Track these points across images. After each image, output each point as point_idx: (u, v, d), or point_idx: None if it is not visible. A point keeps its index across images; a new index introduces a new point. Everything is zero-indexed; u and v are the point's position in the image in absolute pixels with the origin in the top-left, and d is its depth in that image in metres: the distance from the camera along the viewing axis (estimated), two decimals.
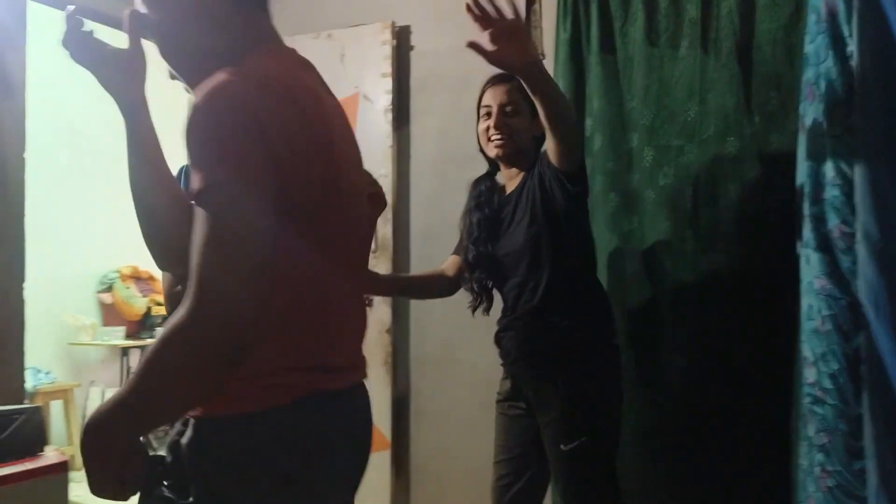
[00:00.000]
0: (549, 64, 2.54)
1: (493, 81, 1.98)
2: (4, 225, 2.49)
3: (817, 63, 1.52)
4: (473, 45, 1.50)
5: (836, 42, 1.44)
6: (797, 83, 1.97)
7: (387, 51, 2.83)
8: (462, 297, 2.01)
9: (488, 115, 1.96)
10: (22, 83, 2.55)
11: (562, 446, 1.79)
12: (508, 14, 1.55)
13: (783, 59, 2.13)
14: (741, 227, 2.17)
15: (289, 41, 2.95)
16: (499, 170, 2.04)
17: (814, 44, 1.56)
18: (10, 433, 2.17)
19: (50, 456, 2.23)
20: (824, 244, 1.50)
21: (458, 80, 2.67)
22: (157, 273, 5.28)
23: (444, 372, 2.74)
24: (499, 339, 1.98)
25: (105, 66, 1.18)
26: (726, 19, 2.23)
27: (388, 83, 2.81)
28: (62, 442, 4.43)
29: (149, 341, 4.95)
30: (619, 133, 2.38)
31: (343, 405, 1.07)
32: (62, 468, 2.22)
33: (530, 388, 1.91)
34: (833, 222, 1.47)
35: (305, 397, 1.00)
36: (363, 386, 1.16)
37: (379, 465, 2.67)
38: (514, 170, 1.97)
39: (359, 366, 1.16)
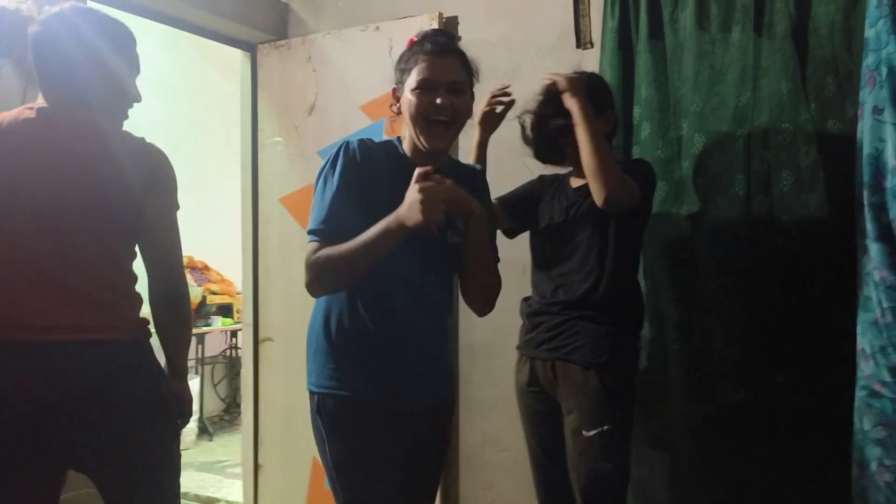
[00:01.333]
0: (596, 53, 2.51)
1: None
2: None
3: (878, 48, 1.47)
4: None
5: None
6: (856, 68, 1.91)
7: None
8: (511, 285, 2.01)
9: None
10: None
11: (584, 432, 1.88)
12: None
13: (841, 44, 2.06)
14: (796, 217, 2.11)
15: (337, 34, 3.05)
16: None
17: (874, 28, 1.51)
18: None
19: None
20: (885, 234, 1.45)
21: (506, 70, 2.65)
22: (213, 262, 5.41)
23: (493, 361, 2.74)
24: (533, 323, 2.02)
25: None
26: (781, 2, 2.16)
27: None
28: None
29: (204, 329, 5.09)
30: (668, 120, 2.34)
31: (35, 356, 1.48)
32: None
33: (554, 374, 1.98)
34: (895, 212, 1.42)
35: None
36: (77, 342, 1.49)
37: None
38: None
39: (85, 324, 1.51)
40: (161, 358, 1.72)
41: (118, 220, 1.62)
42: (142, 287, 1.72)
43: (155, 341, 1.70)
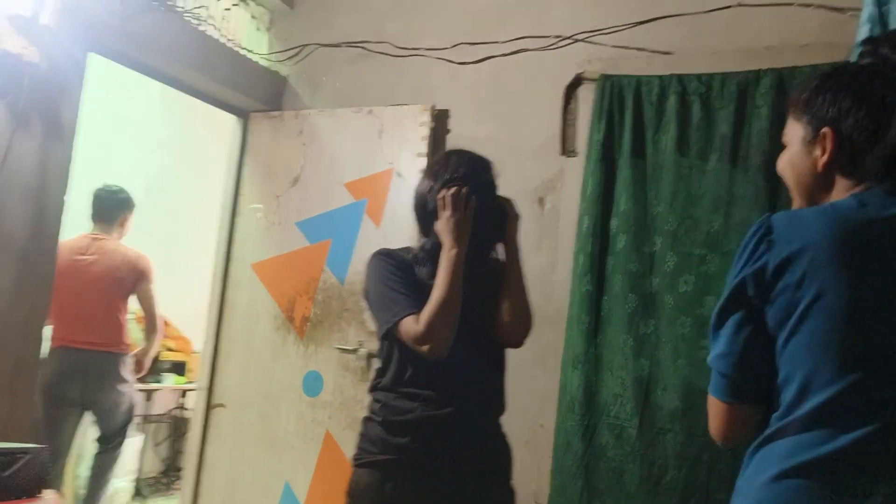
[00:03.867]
0: (580, 162, 2.60)
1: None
2: (36, 264, 2.53)
3: None
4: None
5: None
6: None
7: (424, 132, 2.92)
8: None
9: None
10: (73, 130, 2.63)
11: None
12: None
13: None
14: None
15: (330, 112, 3.11)
16: None
17: None
18: (12, 472, 2.15)
19: (49, 499, 2.20)
20: None
21: None
22: (174, 318, 5.30)
23: None
24: None
25: None
26: (756, 137, 2.29)
27: (422, 162, 2.88)
28: (58, 482, 4.36)
29: (154, 386, 4.94)
30: (643, 235, 2.42)
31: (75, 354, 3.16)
32: None
33: None
34: None
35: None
36: (102, 350, 3.22)
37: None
38: None
39: (98, 341, 3.21)
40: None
41: (121, 294, 3.31)
42: None
43: None
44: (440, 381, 1.67)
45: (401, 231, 2.87)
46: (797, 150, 1.12)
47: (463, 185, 1.67)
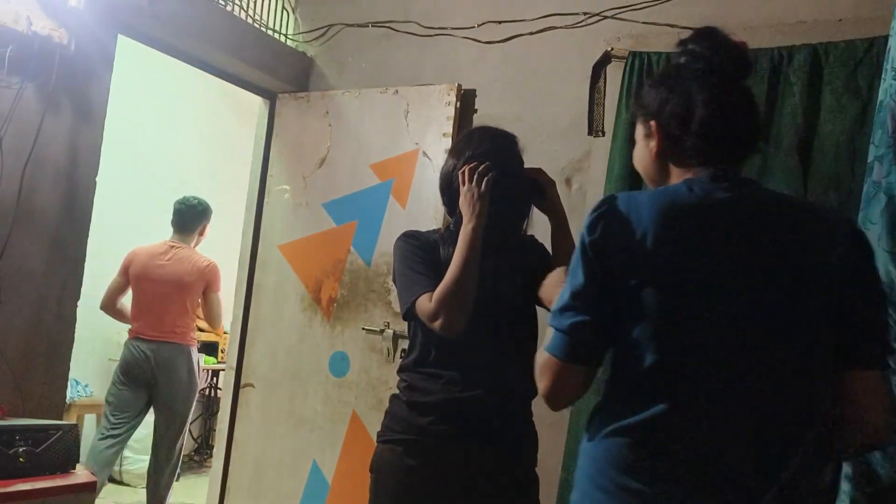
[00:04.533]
0: (608, 142, 2.57)
1: None
2: (68, 245, 2.58)
3: (880, 175, 1.51)
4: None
5: None
6: (857, 188, 1.95)
7: (450, 112, 2.90)
8: None
9: None
10: (103, 111, 2.67)
11: None
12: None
13: (845, 162, 2.12)
14: None
15: (357, 93, 3.14)
16: None
17: (877, 154, 1.56)
18: (45, 447, 2.21)
19: (80, 474, 2.26)
20: None
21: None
22: None
23: None
24: None
25: None
26: (789, 117, 2.23)
27: (448, 143, 2.87)
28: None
29: None
30: None
31: (143, 344, 3.40)
32: (90, 488, 2.25)
33: None
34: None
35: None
36: (164, 341, 3.42)
37: None
38: None
39: (165, 333, 3.43)
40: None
41: (189, 298, 3.49)
42: None
43: None
44: (465, 363, 1.66)
45: (426, 212, 2.87)
46: (640, 144, 1.22)
47: (484, 160, 1.66)
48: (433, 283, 1.63)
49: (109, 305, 3.53)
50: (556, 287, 1.33)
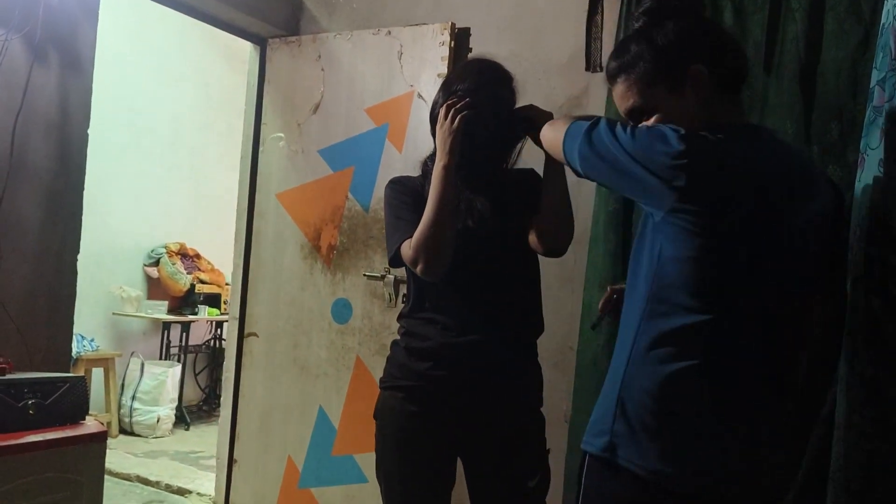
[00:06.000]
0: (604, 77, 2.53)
1: None
2: (64, 198, 2.57)
3: (882, 99, 1.49)
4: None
5: None
6: (860, 115, 1.93)
7: (444, 52, 2.85)
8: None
9: None
10: (91, 62, 2.63)
11: None
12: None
13: (847, 90, 2.09)
14: None
15: (348, 35, 3.07)
16: None
17: (880, 79, 1.53)
18: (54, 399, 2.24)
19: (90, 425, 2.30)
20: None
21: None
22: (205, 251, 5.41)
23: None
24: None
25: None
26: (791, 44, 2.19)
27: None
28: (101, 409, 4.57)
29: (190, 318, 5.08)
30: None
31: None
32: (101, 437, 2.29)
33: None
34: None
35: None
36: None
37: None
38: None
39: None
40: None
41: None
42: None
43: None
44: (459, 307, 1.66)
45: (423, 156, 2.85)
46: (670, 100, 1.25)
47: (465, 96, 1.62)
48: (416, 228, 1.62)
49: None
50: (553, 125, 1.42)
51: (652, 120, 1.26)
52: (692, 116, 1.21)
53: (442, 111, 1.63)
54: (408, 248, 1.62)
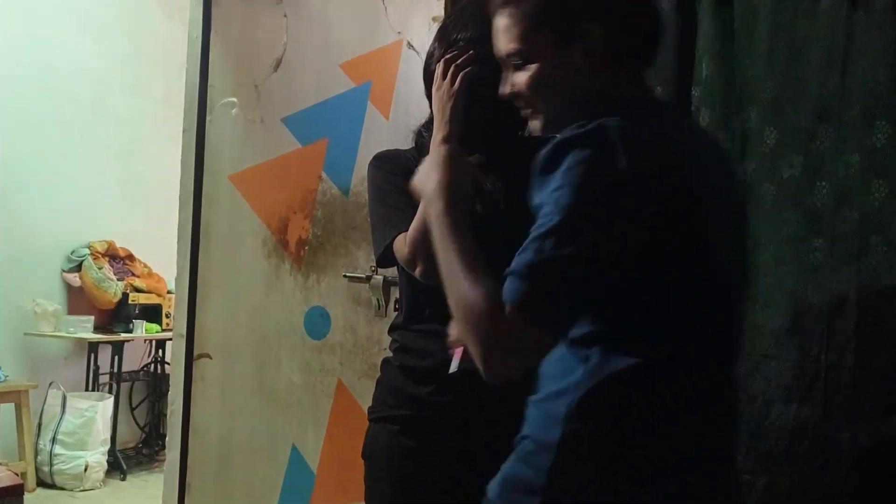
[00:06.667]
0: None
1: None
2: None
3: None
4: None
5: None
6: None
7: None
8: None
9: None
10: None
11: None
12: None
13: None
14: (891, 236, 2.15)
15: None
16: None
17: None
18: None
19: (2, 478, 2.31)
20: None
21: None
22: (139, 251, 5.41)
23: None
24: None
25: None
26: None
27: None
28: (12, 456, 4.57)
29: (124, 336, 5.09)
30: (732, 107, 2.37)
31: None
32: (16, 492, 2.30)
33: None
34: None
35: None
36: None
37: None
38: None
39: None
40: None
41: None
42: None
43: None
44: None
45: (416, 122, 2.85)
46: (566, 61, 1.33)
47: (468, 47, 1.60)
48: (411, 218, 1.60)
49: None
50: None
51: (532, 70, 1.32)
52: (574, 84, 1.30)
53: (439, 68, 1.62)
54: (402, 245, 1.61)
